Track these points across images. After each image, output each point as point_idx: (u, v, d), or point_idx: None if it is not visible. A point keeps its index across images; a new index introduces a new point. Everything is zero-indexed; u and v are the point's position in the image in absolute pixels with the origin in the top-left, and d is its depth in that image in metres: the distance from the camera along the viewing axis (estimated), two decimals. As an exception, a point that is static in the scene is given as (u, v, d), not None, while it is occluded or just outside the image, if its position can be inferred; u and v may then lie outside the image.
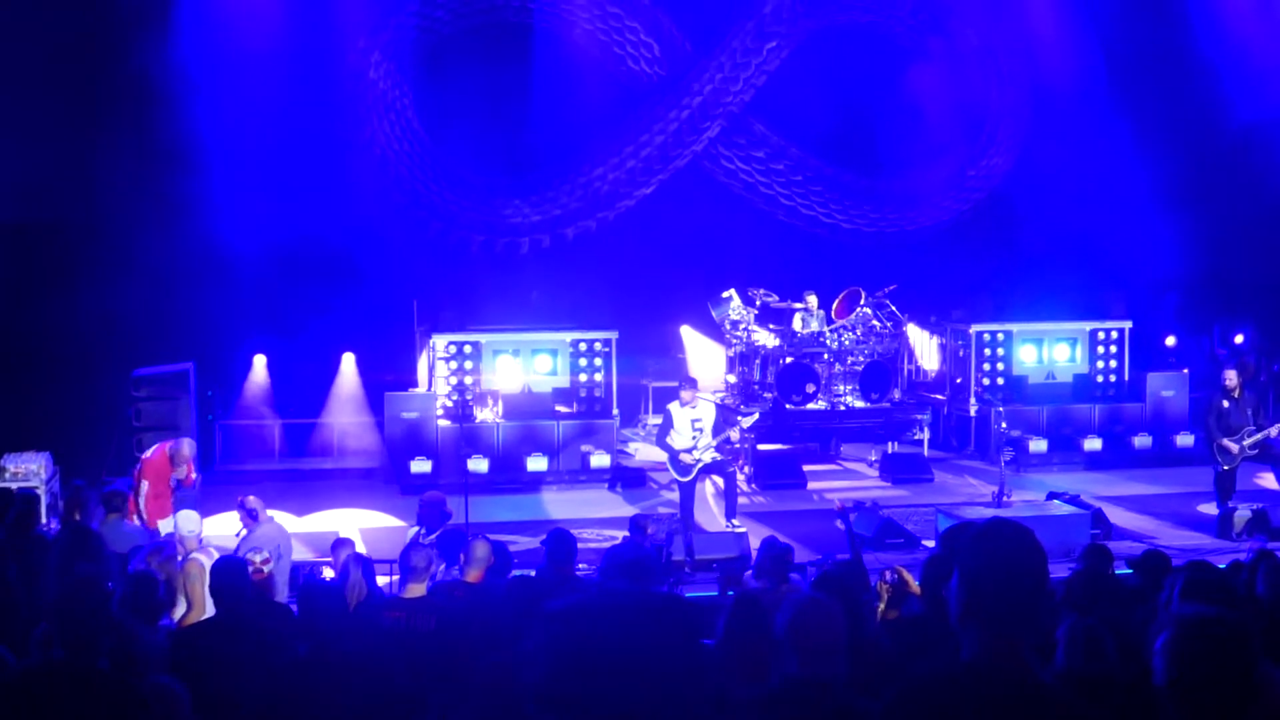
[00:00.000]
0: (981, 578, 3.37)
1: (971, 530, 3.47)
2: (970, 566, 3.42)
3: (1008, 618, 3.37)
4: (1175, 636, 3.57)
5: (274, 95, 21.67)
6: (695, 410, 16.43)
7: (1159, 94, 24.20)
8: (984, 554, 3.38)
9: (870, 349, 21.09)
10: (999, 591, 3.35)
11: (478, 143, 23.85)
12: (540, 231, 24.69)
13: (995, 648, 3.38)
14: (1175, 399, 22.15)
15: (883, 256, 24.68)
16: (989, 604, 3.36)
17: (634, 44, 24.87)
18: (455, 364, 20.69)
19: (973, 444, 21.72)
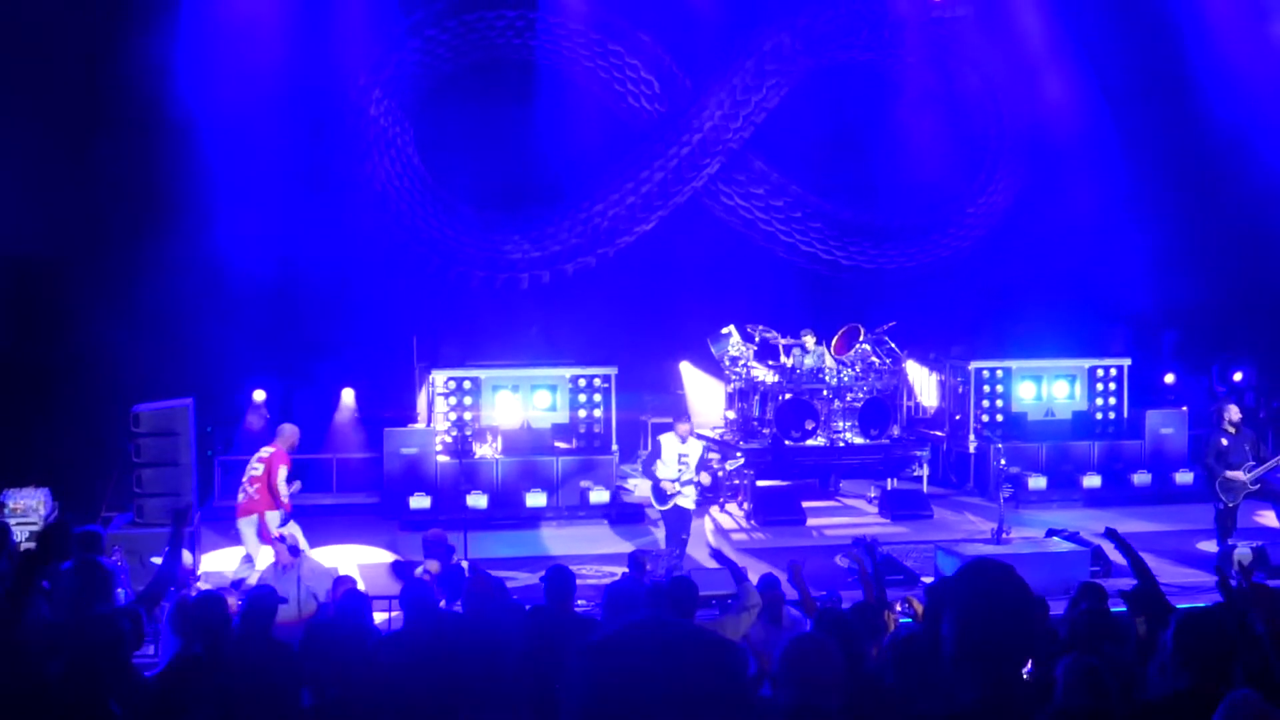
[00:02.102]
0: (972, 619, 3.37)
1: (958, 572, 3.48)
2: (960, 608, 3.42)
3: (1001, 656, 3.36)
4: None
5: (275, 131, 21.72)
6: (684, 445, 16.52)
7: (1159, 131, 24.28)
8: (972, 595, 3.38)
9: (869, 385, 21.09)
10: (990, 631, 3.35)
11: (478, 179, 23.93)
12: (540, 267, 24.73)
13: (993, 687, 3.38)
14: (1174, 436, 22.16)
15: (882, 293, 24.71)
16: (981, 644, 3.36)
17: (634, 80, 24.97)
18: (455, 399, 20.70)
19: (972, 480, 21.72)
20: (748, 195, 25.72)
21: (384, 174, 23.83)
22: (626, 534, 19.03)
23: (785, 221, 25.79)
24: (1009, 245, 25.26)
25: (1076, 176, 24.67)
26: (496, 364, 21.26)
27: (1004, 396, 22.35)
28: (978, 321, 23.94)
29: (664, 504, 16.38)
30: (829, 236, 25.94)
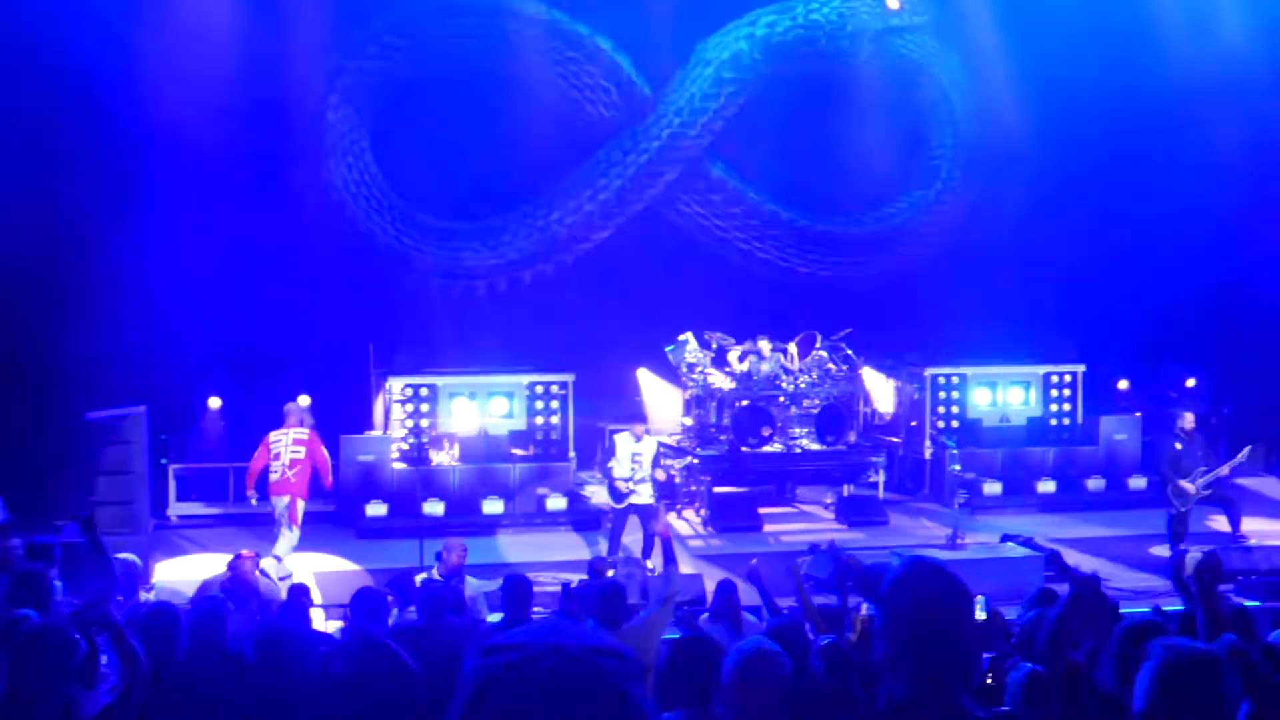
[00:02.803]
0: (904, 622, 3.38)
1: (891, 575, 3.48)
2: (892, 611, 3.43)
3: (935, 660, 3.38)
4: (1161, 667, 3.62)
5: (231, 137, 21.66)
6: (639, 445, 16.90)
7: (1110, 138, 24.49)
8: (905, 598, 3.39)
9: (826, 392, 21.16)
10: (923, 634, 3.36)
11: (435, 186, 23.91)
12: (497, 275, 24.70)
13: (926, 689, 3.40)
14: (1128, 442, 22.31)
15: (838, 300, 24.77)
16: (915, 647, 3.37)
17: (591, 88, 24.99)
18: (411, 407, 20.66)
19: (928, 486, 21.80)
20: (705, 203, 25.77)
21: (341, 180, 23.76)
22: (584, 541, 19.01)
23: (742, 229, 25.86)
24: (965, 253, 25.38)
25: (1032, 184, 24.80)
26: (453, 371, 21.22)
27: (959, 403, 22.47)
28: (933, 328, 24.04)
29: (620, 503, 16.78)
30: (786, 244, 26.03)
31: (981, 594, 9.85)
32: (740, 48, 25.37)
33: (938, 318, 24.32)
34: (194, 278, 21.00)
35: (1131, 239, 24.24)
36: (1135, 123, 24.32)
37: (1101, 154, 24.51)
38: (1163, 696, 3.55)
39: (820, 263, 26.16)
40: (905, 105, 26.19)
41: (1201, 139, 23.88)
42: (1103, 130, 24.41)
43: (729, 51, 25.33)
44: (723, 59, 25.30)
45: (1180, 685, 3.54)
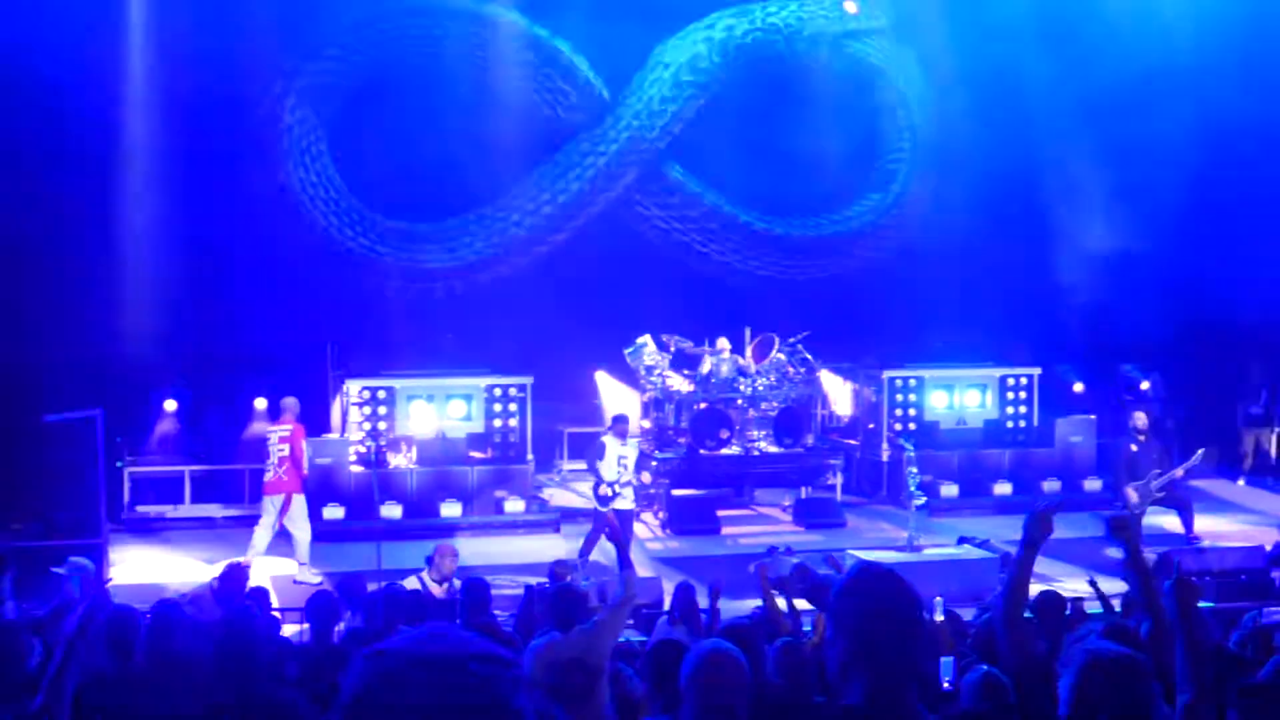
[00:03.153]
0: (854, 628, 3.39)
1: (840, 581, 3.49)
2: (841, 617, 3.44)
3: (886, 664, 3.39)
4: (1083, 670, 3.64)
5: (188, 140, 21.57)
6: (624, 448, 16.92)
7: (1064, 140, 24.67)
8: (854, 604, 3.40)
9: (784, 395, 21.21)
10: (873, 639, 3.37)
11: (393, 188, 23.86)
12: (455, 277, 24.66)
13: (878, 695, 3.41)
14: (1083, 444, 22.46)
15: (796, 303, 24.83)
16: (865, 653, 3.38)
17: (550, 91, 24.99)
18: (369, 409, 20.59)
19: (885, 489, 21.86)
20: (664, 205, 25.81)
21: (298, 182, 23.68)
22: (542, 544, 18.97)
23: (700, 231, 25.91)
24: (922, 255, 25.50)
25: (987, 187, 24.94)
26: (411, 373, 21.17)
27: (917, 405, 22.55)
28: (891, 331, 24.14)
29: (604, 506, 16.68)
30: (744, 246, 26.09)
31: (940, 596, 9.92)
32: (698, 50, 25.44)
33: (895, 320, 24.44)
34: (149, 279, 20.89)
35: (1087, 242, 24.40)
36: (1089, 124, 24.51)
37: (1057, 157, 24.68)
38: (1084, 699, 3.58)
39: (778, 265, 26.23)
40: (863, 108, 26.30)
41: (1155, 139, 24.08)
42: (1058, 132, 24.58)
43: (687, 54, 25.39)
44: (681, 62, 25.36)
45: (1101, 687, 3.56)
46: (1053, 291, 24.54)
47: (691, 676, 4.18)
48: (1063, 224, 25.00)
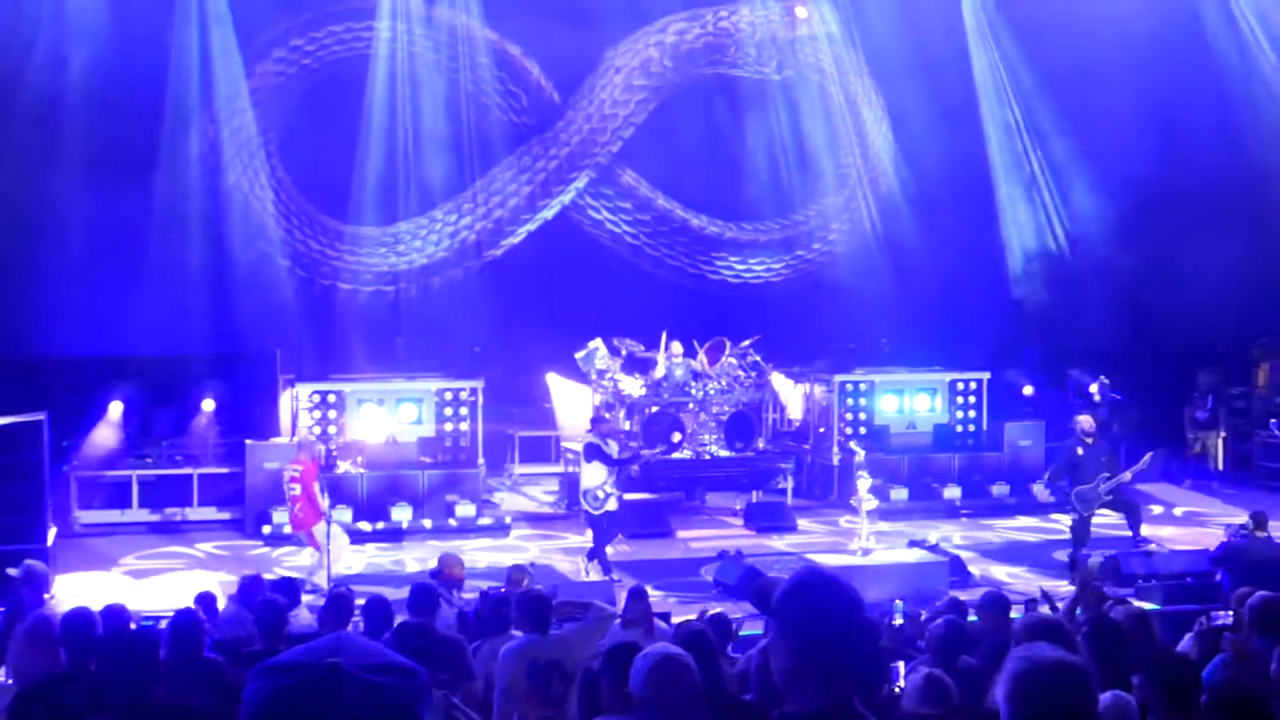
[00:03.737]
0: (796, 633, 3.37)
1: (782, 586, 3.46)
2: (784, 623, 3.42)
3: (830, 669, 3.38)
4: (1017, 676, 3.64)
5: (135, 141, 21.43)
6: (609, 448, 16.93)
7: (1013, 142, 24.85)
8: (796, 609, 3.38)
9: (735, 399, 21.24)
10: (817, 645, 3.35)
11: (344, 191, 23.74)
12: (406, 280, 24.57)
13: (823, 700, 3.41)
14: (1032, 449, 22.59)
15: (748, 306, 24.90)
16: (809, 657, 3.37)
17: (502, 94, 24.95)
18: (319, 413, 20.48)
19: (836, 492, 21.87)
20: (615, 209, 25.81)
21: (248, 184, 23.53)
22: (494, 548, 18.92)
23: (652, 235, 25.92)
24: (873, 260, 25.61)
25: (937, 191, 25.08)
26: (361, 377, 21.08)
27: (867, 409, 22.62)
28: (842, 334, 24.23)
29: (598, 508, 16.68)
30: (695, 250, 26.12)
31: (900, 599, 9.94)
32: (650, 55, 25.47)
33: (846, 324, 24.53)
34: (97, 281, 20.72)
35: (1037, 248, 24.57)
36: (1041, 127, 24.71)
37: (1010, 162, 24.86)
38: (1019, 705, 3.57)
39: (729, 269, 26.27)
40: (814, 112, 26.38)
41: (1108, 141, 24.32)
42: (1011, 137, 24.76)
43: (639, 58, 25.41)
44: (632, 66, 25.37)
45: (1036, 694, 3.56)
46: (1002, 296, 24.68)
47: (642, 682, 4.17)
48: (1014, 229, 25.17)
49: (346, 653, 2.09)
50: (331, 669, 2.05)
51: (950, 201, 25.02)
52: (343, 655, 2.08)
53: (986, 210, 25.38)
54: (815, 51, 26.43)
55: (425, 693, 2.10)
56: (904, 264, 24.89)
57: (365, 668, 2.07)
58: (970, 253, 24.99)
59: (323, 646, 2.11)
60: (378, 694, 2.06)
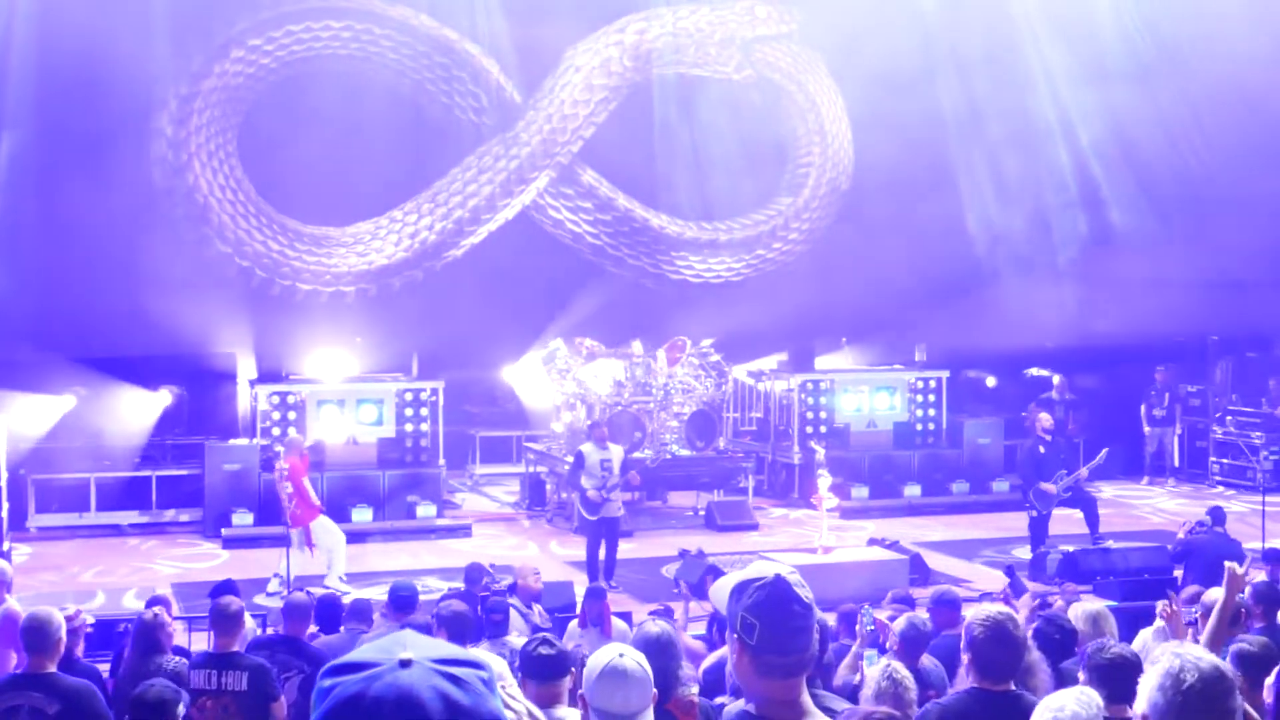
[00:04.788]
0: (746, 630, 3.41)
1: (734, 585, 3.49)
2: (734, 620, 3.45)
3: (782, 667, 3.41)
4: None
5: (96, 141, 21.32)
6: (606, 451, 16.69)
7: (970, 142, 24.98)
8: (746, 606, 3.41)
9: (696, 398, 21.28)
10: (765, 643, 3.39)
11: (304, 191, 23.62)
12: (366, 281, 24.50)
13: (775, 697, 3.44)
14: (991, 446, 22.74)
15: (709, 305, 24.92)
16: (760, 655, 3.40)
17: (461, 94, 24.90)
18: (279, 415, 20.41)
19: (797, 491, 21.96)
20: (576, 209, 25.79)
21: (206, 185, 23.41)
22: (454, 549, 18.90)
23: (613, 235, 25.91)
24: (833, 258, 25.68)
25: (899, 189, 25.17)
26: (321, 379, 21.02)
27: (827, 408, 22.70)
28: (802, 334, 24.29)
29: (594, 514, 16.42)
30: (656, 250, 26.12)
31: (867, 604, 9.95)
32: (610, 54, 25.46)
33: (806, 324, 24.58)
34: (58, 281, 20.61)
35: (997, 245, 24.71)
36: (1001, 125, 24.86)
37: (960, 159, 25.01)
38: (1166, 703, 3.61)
39: (690, 268, 26.29)
40: (775, 112, 26.44)
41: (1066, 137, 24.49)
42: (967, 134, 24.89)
43: (599, 58, 25.40)
44: (593, 65, 25.36)
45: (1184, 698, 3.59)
46: (963, 294, 24.77)
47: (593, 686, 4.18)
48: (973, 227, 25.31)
49: (415, 648, 2.11)
50: (405, 664, 2.08)
51: (912, 200, 25.09)
52: (412, 650, 2.10)
53: (950, 207, 25.47)
54: (775, 51, 26.49)
55: (493, 686, 2.13)
56: (863, 263, 24.95)
57: (436, 660, 2.09)
58: (931, 250, 25.07)
59: (387, 643, 2.13)
60: (453, 684, 2.08)
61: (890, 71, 24.26)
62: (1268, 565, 12.86)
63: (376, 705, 2.05)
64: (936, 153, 24.87)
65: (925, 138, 24.67)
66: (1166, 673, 3.57)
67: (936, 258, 24.87)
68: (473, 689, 2.10)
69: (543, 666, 5.66)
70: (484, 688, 2.12)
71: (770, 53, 26.47)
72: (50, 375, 20.65)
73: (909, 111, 24.48)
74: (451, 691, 2.08)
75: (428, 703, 2.05)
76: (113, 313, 21.13)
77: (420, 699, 2.05)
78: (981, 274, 24.65)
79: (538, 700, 5.62)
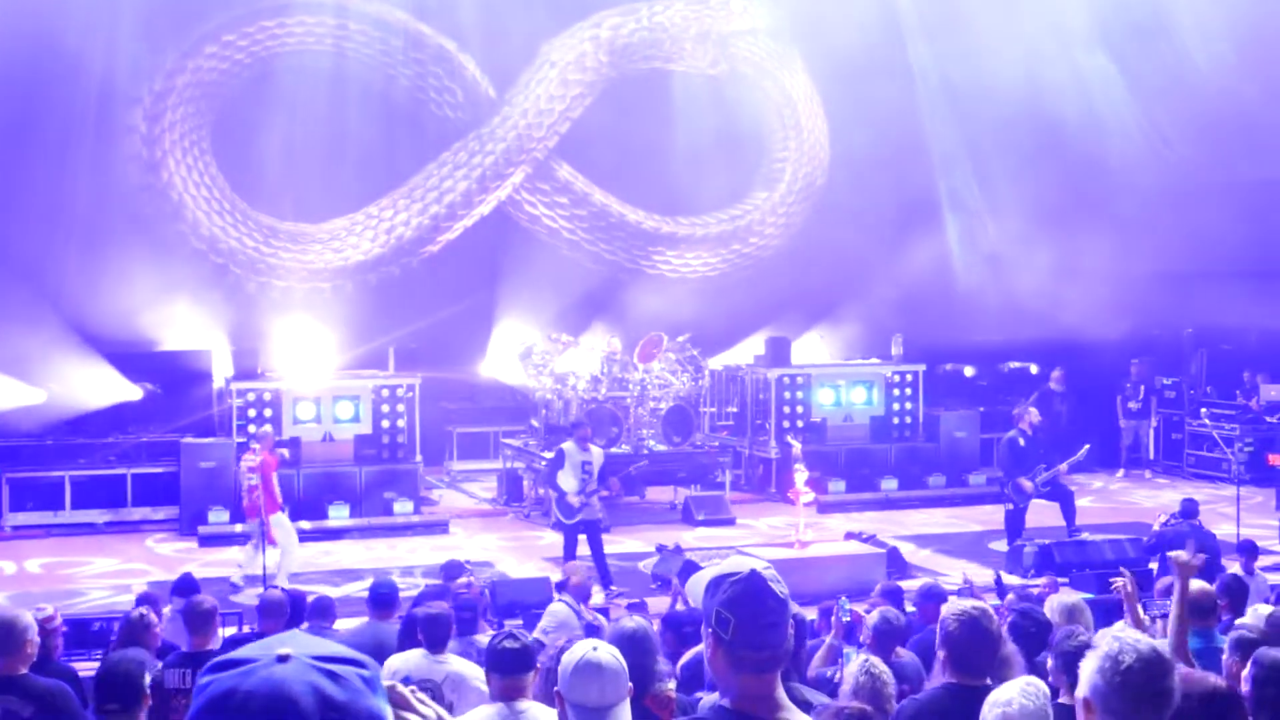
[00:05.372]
0: (719, 625, 3.42)
1: (708, 580, 3.50)
2: (708, 615, 3.46)
3: (756, 661, 3.42)
4: None
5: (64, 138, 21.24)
6: (588, 453, 16.19)
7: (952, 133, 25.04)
8: (720, 602, 3.42)
9: (672, 392, 21.27)
10: (739, 637, 3.40)
11: (279, 187, 23.56)
12: (342, 277, 24.45)
13: (750, 691, 3.44)
14: (967, 439, 22.78)
15: (686, 300, 24.94)
16: (732, 650, 3.41)
17: (437, 89, 24.86)
18: (254, 412, 20.32)
19: (774, 485, 21.96)
20: (552, 204, 25.78)
21: (181, 181, 23.33)
22: (430, 545, 18.85)
23: (590, 230, 25.91)
24: (809, 252, 25.72)
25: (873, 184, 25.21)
26: (298, 375, 20.95)
27: (804, 402, 22.69)
28: (779, 328, 24.30)
29: (571, 518, 15.91)
30: (633, 245, 26.14)
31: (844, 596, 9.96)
32: (585, 49, 25.45)
33: (784, 318, 24.62)
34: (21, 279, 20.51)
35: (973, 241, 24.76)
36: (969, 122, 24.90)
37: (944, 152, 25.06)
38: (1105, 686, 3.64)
39: (667, 264, 26.31)
40: (751, 107, 26.47)
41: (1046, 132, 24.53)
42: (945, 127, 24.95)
43: (574, 53, 25.39)
44: (568, 60, 25.35)
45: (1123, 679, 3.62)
46: (940, 288, 24.83)
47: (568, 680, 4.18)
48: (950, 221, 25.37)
49: (295, 645, 2.09)
50: (282, 660, 2.05)
51: (888, 195, 25.15)
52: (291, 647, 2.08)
53: (926, 202, 25.53)
54: (750, 46, 26.51)
55: (376, 684, 2.10)
56: (840, 257, 24.99)
57: (315, 657, 2.07)
58: (908, 245, 25.13)
59: (272, 641, 2.11)
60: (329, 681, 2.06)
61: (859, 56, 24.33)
62: (1241, 557, 12.92)
63: (248, 700, 2.03)
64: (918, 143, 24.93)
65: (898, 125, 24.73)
66: (1105, 655, 3.65)
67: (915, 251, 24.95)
68: (350, 685, 2.08)
69: (507, 660, 5.67)
70: (363, 685, 2.09)
71: (745, 47, 26.49)
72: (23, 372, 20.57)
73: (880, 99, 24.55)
74: (327, 687, 2.05)
75: (300, 697, 2.02)
76: (86, 309, 21.05)
77: (293, 694, 2.03)
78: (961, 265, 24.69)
79: (503, 694, 5.61)
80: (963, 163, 25.41)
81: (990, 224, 25.21)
